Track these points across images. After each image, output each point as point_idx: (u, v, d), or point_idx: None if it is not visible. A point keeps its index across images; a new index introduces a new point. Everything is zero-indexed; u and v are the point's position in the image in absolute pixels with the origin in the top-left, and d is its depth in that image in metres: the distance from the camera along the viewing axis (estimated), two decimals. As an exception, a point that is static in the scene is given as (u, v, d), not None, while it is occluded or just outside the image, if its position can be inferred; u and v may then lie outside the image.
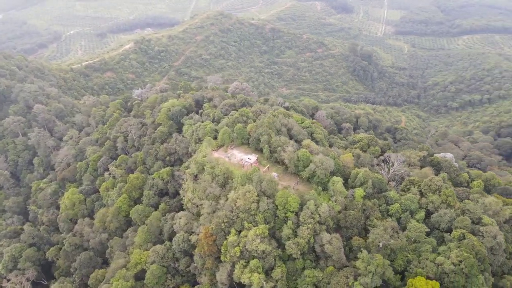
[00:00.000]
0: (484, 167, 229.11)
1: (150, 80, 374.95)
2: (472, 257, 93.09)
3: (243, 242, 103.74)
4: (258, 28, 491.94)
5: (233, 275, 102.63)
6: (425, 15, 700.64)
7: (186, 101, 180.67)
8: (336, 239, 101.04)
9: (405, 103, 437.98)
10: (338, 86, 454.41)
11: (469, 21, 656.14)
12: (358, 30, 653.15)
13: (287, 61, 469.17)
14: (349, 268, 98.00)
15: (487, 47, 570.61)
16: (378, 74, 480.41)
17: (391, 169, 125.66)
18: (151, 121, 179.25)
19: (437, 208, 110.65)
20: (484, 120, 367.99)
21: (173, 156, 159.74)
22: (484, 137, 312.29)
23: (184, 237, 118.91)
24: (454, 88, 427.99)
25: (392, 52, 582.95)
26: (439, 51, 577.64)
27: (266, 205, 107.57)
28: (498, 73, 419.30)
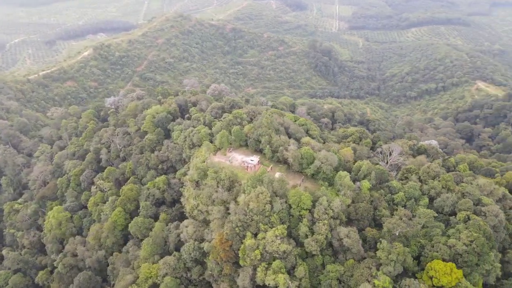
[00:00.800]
0: (451, 151, 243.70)
1: (114, 87, 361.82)
2: (481, 236, 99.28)
3: (262, 244, 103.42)
4: (219, 29, 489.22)
5: (255, 279, 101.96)
6: (375, 10, 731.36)
7: (170, 106, 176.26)
8: (353, 232, 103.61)
9: (367, 95, 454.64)
10: (303, 83, 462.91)
11: (416, 14, 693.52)
12: (314, 27, 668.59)
13: (250, 61, 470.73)
14: (369, 259, 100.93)
15: (434, 38, 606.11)
16: (338, 69, 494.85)
17: (389, 159, 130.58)
18: (135, 130, 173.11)
19: (439, 193, 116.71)
20: (441, 107, 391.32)
21: (165, 164, 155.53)
22: (445, 123, 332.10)
23: (194, 246, 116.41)
24: (411, 78, 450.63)
25: (349, 46, 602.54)
26: (391, 44, 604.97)
27: (280, 205, 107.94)
28: (449, 62, 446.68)
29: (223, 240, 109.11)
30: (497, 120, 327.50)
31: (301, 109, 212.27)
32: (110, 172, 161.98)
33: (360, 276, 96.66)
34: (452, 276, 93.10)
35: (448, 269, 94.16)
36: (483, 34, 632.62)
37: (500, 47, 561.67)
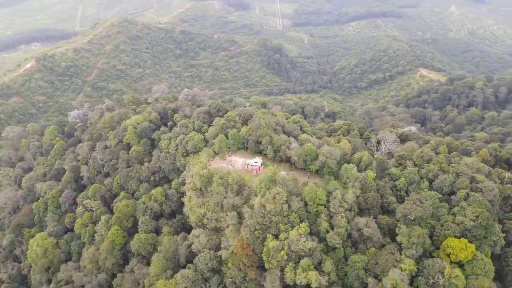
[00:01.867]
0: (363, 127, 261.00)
1: (65, 99, 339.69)
2: (485, 210, 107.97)
3: (286, 244, 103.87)
4: (168, 32, 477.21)
5: (285, 279, 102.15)
6: (315, 6, 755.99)
7: (151, 115, 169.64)
8: (371, 221, 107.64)
9: (320, 89, 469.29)
10: (258, 81, 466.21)
11: (353, 9, 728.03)
12: (259, 26, 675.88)
13: (204, 63, 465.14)
14: (390, 245, 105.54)
15: (373, 30, 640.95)
16: (290, 65, 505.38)
17: (384, 148, 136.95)
18: (115, 143, 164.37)
19: (436, 175, 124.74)
20: (391, 95, 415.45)
21: (157, 175, 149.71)
22: (399, 110, 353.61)
23: (210, 255, 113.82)
24: (360, 70, 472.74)
25: (295, 43, 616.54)
26: (335, 38, 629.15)
27: (297, 204, 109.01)
28: (392, 52, 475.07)
29: (244, 245, 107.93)
30: (443, 103, 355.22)
31: (276, 107, 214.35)
32: (96, 190, 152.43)
33: (385, 262, 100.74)
34: (468, 251, 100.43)
35: (463, 244, 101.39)
36: (415, 25, 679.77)
37: (431, 36, 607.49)
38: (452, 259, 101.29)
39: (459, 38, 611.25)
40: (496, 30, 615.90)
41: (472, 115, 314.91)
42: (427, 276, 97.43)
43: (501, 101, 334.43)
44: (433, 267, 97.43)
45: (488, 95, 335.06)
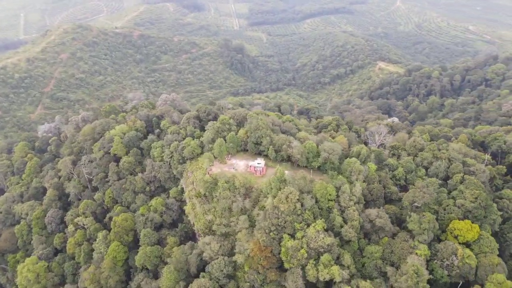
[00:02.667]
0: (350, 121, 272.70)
1: (23, 113, 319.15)
2: (482, 191, 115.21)
3: (304, 242, 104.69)
4: (126, 37, 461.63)
5: (307, 277, 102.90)
6: (270, 5, 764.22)
7: (136, 124, 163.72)
8: (382, 212, 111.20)
9: (285, 87, 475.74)
10: (222, 82, 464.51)
11: (307, 7, 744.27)
12: (216, 27, 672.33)
13: (166, 67, 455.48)
14: (402, 233, 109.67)
15: (328, 27, 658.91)
16: (253, 65, 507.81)
17: (378, 140, 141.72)
18: (101, 155, 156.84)
19: (430, 162, 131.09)
20: (354, 89, 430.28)
21: (152, 185, 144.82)
22: (365, 102, 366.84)
23: (225, 261, 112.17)
24: (321, 66, 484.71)
25: (254, 42, 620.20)
26: (292, 36, 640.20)
27: (310, 201, 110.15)
28: (351, 47, 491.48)
29: (262, 248, 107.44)
30: (404, 93, 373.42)
31: (257, 107, 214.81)
32: (87, 206, 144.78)
33: (401, 250, 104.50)
34: (474, 231, 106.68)
35: (468, 225, 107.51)
36: (366, 20, 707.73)
37: (383, 30, 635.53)
38: (460, 241, 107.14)
39: (408, 31, 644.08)
40: (440, 22, 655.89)
41: (432, 103, 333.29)
42: (441, 259, 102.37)
43: (456, 88, 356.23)
44: (446, 250, 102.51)
45: (444, 84, 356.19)
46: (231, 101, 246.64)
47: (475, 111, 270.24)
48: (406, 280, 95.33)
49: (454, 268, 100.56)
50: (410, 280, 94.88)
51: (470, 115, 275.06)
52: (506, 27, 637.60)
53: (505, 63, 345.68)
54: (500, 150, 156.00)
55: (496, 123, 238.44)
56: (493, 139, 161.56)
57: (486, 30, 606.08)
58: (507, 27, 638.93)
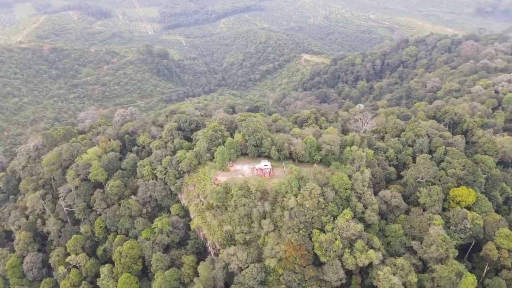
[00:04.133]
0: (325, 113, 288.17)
1: None
2: (467, 159, 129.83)
3: (337, 233, 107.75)
4: (35, 52, 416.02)
5: (346, 266, 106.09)
6: (181, 7, 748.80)
7: (111, 144, 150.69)
8: (395, 192, 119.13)
9: (216, 88, 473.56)
10: (152, 90, 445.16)
11: (219, 6, 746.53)
12: (130, 33, 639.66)
13: (88, 80, 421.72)
14: (415, 208, 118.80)
15: (244, 25, 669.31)
16: (180, 69, 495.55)
17: (364, 126, 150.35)
18: (78, 183, 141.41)
19: (414, 140, 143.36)
20: (286, 82, 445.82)
21: (148, 206, 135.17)
22: (301, 94, 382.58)
23: (257, 268, 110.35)
24: (249, 63, 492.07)
25: (173, 46, 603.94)
26: (211, 36, 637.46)
27: (332, 193, 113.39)
28: (274, 43, 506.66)
29: (296, 247, 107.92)
30: (334, 81, 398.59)
31: (219, 110, 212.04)
32: (77, 241, 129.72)
33: (420, 223, 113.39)
34: (472, 195, 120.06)
35: (466, 191, 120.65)
36: (278, 15, 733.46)
37: (296, 24, 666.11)
38: (462, 205, 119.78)
39: (318, 23, 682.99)
40: (345, 13, 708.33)
41: (362, 88, 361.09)
42: (454, 225, 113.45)
43: (378, 72, 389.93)
44: (457, 216, 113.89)
45: (368, 69, 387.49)
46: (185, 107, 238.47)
47: (405, 90, 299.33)
48: (437, 249, 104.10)
49: (466, 230, 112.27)
50: (440, 248, 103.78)
51: (401, 95, 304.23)
52: (400, 13, 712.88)
53: (415, 45, 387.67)
54: (452, 121, 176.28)
55: (425, 99, 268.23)
56: (444, 113, 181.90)
57: (384, 17, 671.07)
58: (400, 13, 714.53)
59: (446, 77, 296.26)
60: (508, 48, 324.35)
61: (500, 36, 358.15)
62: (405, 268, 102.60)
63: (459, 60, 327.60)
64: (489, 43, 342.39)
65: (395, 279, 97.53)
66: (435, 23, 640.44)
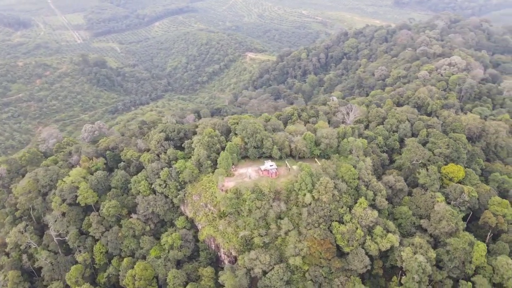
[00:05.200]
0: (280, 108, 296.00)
1: None
2: (449, 138, 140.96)
3: (356, 222, 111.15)
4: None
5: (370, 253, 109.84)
6: (109, 13, 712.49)
7: (95, 163, 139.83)
8: (397, 176, 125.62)
9: (163, 94, 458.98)
10: (95, 102, 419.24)
11: (150, 10, 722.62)
12: (56, 43, 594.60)
13: (21, 97, 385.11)
14: (416, 189, 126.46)
15: (180, 27, 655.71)
16: (121, 77, 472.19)
17: (351, 117, 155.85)
18: (65, 209, 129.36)
19: (397, 126, 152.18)
20: (234, 82, 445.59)
21: (151, 222, 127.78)
22: (253, 93, 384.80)
23: (283, 268, 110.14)
24: (193, 66, 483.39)
25: (108, 54, 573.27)
26: (148, 41, 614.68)
27: (344, 185, 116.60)
28: (216, 43, 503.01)
29: (321, 242, 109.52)
30: (283, 77, 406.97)
31: (190, 116, 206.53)
32: (79, 272, 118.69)
33: (425, 201, 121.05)
34: (462, 170, 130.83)
35: (455, 167, 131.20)
36: (212, 16, 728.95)
37: (233, 24, 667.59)
38: (455, 181, 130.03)
39: (253, 22, 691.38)
40: (278, 10, 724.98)
41: (312, 81, 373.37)
42: (454, 199, 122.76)
43: (323, 65, 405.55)
44: (455, 191, 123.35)
45: (314, 62, 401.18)
46: (149, 116, 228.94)
47: (356, 80, 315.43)
48: (448, 224, 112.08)
49: (464, 203, 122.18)
50: (451, 222, 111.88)
51: (352, 85, 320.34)
52: (329, 8, 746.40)
53: (355, 37, 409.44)
54: (416, 105, 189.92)
55: (376, 87, 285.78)
56: (407, 98, 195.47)
57: (316, 12, 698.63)
58: (329, 8, 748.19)
59: (391, 65, 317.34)
60: (438, 35, 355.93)
61: (429, 25, 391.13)
62: (424, 246, 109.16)
63: (397, 48, 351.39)
64: (421, 31, 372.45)
65: (421, 257, 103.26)
66: (362, 16, 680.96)
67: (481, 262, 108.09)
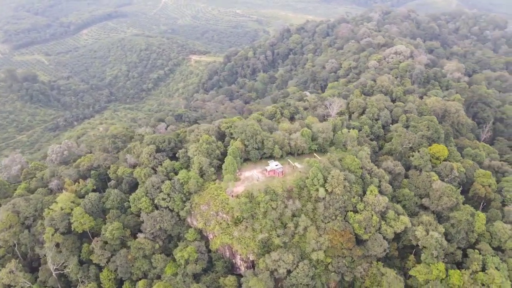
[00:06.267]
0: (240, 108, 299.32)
1: None
2: (429, 121, 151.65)
3: (370, 210, 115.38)
4: None
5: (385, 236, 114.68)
6: (28, 22, 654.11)
7: (83, 185, 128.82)
8: (395, 161, 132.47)
9: (107, 105, 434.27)
10: (31, 120, 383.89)
11: (75, 17, 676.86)
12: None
13: None
14: (412, 171, 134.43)
15: (112, 33, 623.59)
16: (56, 92, 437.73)
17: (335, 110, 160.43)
18: (61, 240, 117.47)
19: (378, 114, 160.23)
20: (182, 86, 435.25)
21: (159, 240, 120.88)
22: (206, 96, 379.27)
23: (307, 265, 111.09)
24: (136, 73, 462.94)
25: (36, 67, 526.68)
26: (78, 50, 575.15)
27: (353, 176, 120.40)
28: (157, 48, 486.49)
29: (341, 233, 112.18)
30: (233, 77, 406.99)
31: (161, 126, 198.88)
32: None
33: (423, 183, 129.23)
34: (445, 149, 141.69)
35: (440, 147, 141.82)
36: (144, 20, 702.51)
37: (169, 27, 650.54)
38: (441, 159, 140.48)
39: (188, 23, 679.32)
40: (212, 10, 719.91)
41: (263, 79, 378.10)
42: (446, 176, 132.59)
43: (271, 62, 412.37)
44: (446, 169, 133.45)
45: (262, 60, 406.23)
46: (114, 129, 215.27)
47: (309, 74, 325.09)
48: (449, 199, 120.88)
49: (455, 179, 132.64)
50: (452, 197, 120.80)
51: (306, 79, 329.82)
52: (261, 6, 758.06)
53: (297, 33, 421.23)
54: (382, 93, 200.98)
55: (329, 79, 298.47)
56: (371, 87, 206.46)
57: (250, 11, 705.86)
58: (261, 6, 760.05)
59: (339, 58, 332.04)
60: (375, 26, 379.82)
61: (364, 17, 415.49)
62: (432, 223, 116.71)
63: (340, 41, 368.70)
64: (359, 23, 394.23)
65: (435, 233, 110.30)
66: (295, 12, 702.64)
67: (482, 230, 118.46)
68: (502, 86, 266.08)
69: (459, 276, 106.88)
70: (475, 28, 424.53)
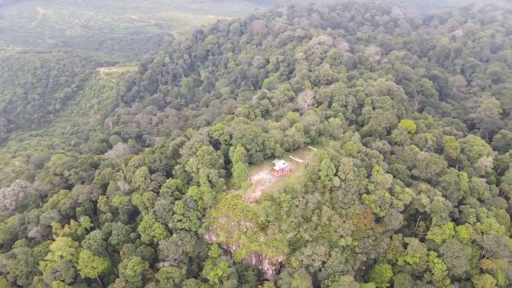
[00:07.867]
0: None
1: None
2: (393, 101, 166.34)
3: (381, 188, 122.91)
4: None
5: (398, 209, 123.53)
6: None
7: (74, 226, 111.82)
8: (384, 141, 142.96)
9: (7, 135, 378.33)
10: None
11: None
12: None
13: None
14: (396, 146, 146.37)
15: None
16: None
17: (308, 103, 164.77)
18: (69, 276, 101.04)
19: (345, 101, 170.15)
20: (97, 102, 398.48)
21: (183, 263, 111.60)
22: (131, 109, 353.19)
23: (339, 253, 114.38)
24: (37, 95, 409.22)
25: None
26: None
27: (359, 161, 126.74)
28: (56, 64, 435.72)
29: (364, 215, 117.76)
30: (155, 86, 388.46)
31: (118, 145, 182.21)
32: None
33: (408, 155, 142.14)
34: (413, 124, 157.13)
35: (409, 122, 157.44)
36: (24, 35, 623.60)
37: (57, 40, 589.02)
38: (413, 133, 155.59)
39: (80, 34, 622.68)
40: (104, 18, 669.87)
41: (188, 83, 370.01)
42: (424, 146, 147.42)
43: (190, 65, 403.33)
44: (421, 140, 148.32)
45: (182, 65, 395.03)
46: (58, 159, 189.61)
47: (238, 72, 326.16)
48: (437, 166, 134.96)
49: (431, 148, 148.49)
50: (439, 164, 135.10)
51: (236, 78, 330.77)
52: (155, 10, 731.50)
53: (212, 33, 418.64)
54: (327, 81, 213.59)
55: (260, 75, 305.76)
56: (317, 76, 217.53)
57: (146, 15, 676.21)
58: (155, 10, 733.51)
59: (262, 53, 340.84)
60: (287, 21, 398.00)
61: (274, 13, 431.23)
62: (430, 189, 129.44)
63: (257, 38, 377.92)
64: (271, 19, 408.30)
65: (440, 198, 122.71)
66: (194, 13, 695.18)
67: (466, 187, 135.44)
68: (410, 63, 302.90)
69: (466, 230, 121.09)
70: (367, 15, 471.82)
